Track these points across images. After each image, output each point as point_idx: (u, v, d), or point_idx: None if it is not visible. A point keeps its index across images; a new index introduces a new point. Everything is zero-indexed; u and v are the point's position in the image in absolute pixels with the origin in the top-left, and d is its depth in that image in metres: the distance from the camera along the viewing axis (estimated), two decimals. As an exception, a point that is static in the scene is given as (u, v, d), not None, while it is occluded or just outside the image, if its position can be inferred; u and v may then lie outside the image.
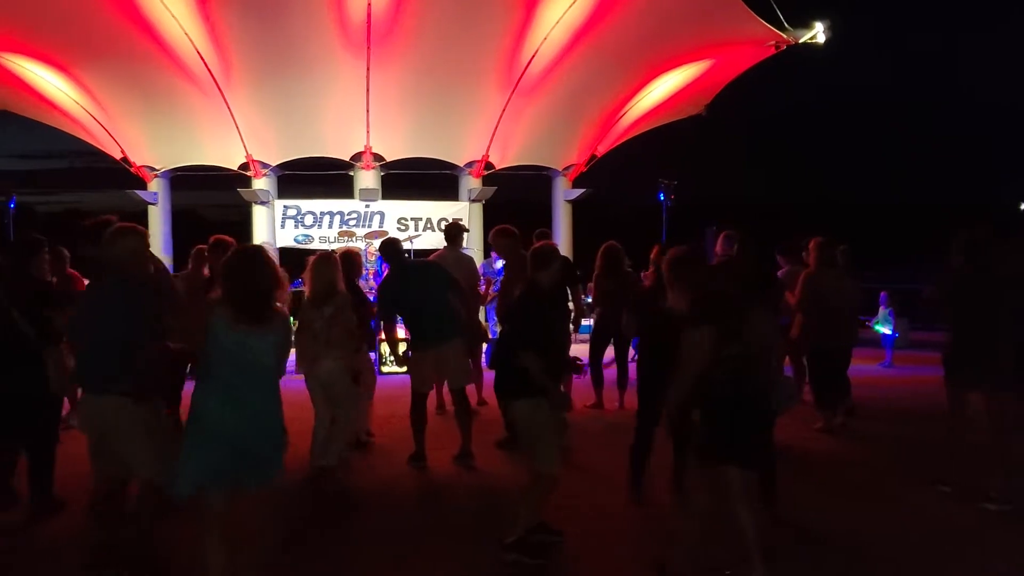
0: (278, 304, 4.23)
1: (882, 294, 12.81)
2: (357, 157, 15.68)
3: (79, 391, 5.04)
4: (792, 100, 56.40)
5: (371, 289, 11.54)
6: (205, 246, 7.75)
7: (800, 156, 62.58)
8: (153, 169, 16.33)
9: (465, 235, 9.83)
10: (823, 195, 49.97)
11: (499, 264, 10.83)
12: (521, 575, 4.79)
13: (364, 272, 11.27)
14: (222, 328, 4.03)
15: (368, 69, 13.62)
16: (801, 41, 13.95)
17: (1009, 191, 39.31)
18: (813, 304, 7.94)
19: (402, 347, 9.04)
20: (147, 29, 13.00)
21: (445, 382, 7.79)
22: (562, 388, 5.35)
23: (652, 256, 7.69)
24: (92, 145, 16.70)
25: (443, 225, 15.61)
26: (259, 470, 4.12)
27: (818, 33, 13.75)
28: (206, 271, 7.82)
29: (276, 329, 4.13)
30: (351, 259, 7.84)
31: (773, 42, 14.22)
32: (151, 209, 16.49)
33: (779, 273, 8.64)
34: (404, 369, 12.07)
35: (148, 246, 4.74)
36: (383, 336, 8.75)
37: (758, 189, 54.93)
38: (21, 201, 17.52)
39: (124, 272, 4.50)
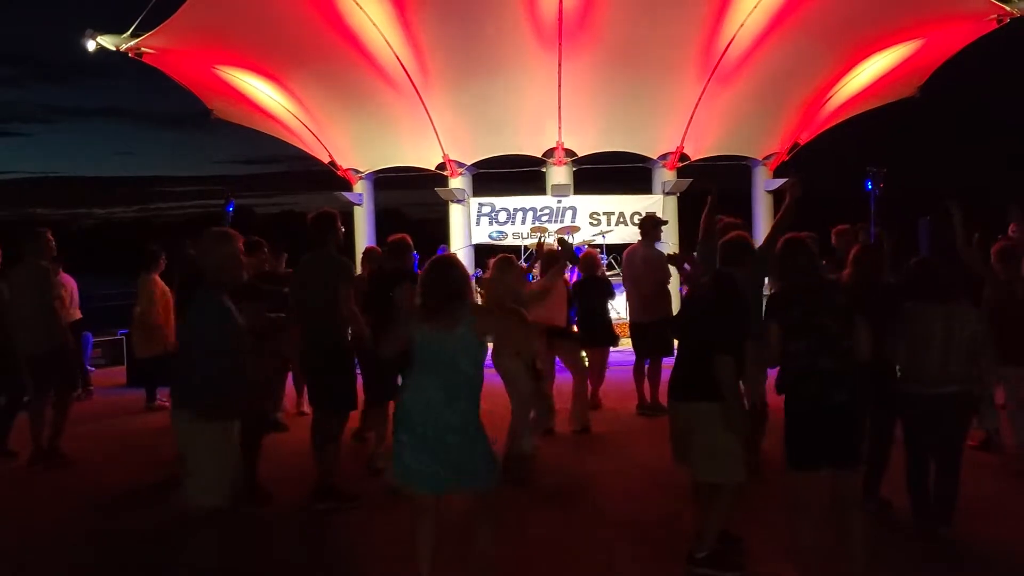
0: (479, 304, 4.35)
1: None
2: (549, 153, 15.75)
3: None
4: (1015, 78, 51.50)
5: None
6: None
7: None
8: (358, 171, 17.10)
9: (662, 229, 9.55)
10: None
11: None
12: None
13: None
14: (418, 329, 4.24)
15: (560, 64, 13.62)
16: (1028, 12, 12.70)
17: None
18: None
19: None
20: (350, 38, 13.62)
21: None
22: None
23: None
24: (304, 150, 17.74)
25: (636, 219, 15.60)
26: (463, 474, 4.17)
27: (1049, 0, 12.46)
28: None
29: (467, 327, 4.18)
30: (592, 260, 8.96)
31: (995, 15, 13.03)
32: (356, 209, 17.26)
33: None
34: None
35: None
36: None
37: (984, 176, 50.61)
38: (242, 204, 18.86)
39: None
